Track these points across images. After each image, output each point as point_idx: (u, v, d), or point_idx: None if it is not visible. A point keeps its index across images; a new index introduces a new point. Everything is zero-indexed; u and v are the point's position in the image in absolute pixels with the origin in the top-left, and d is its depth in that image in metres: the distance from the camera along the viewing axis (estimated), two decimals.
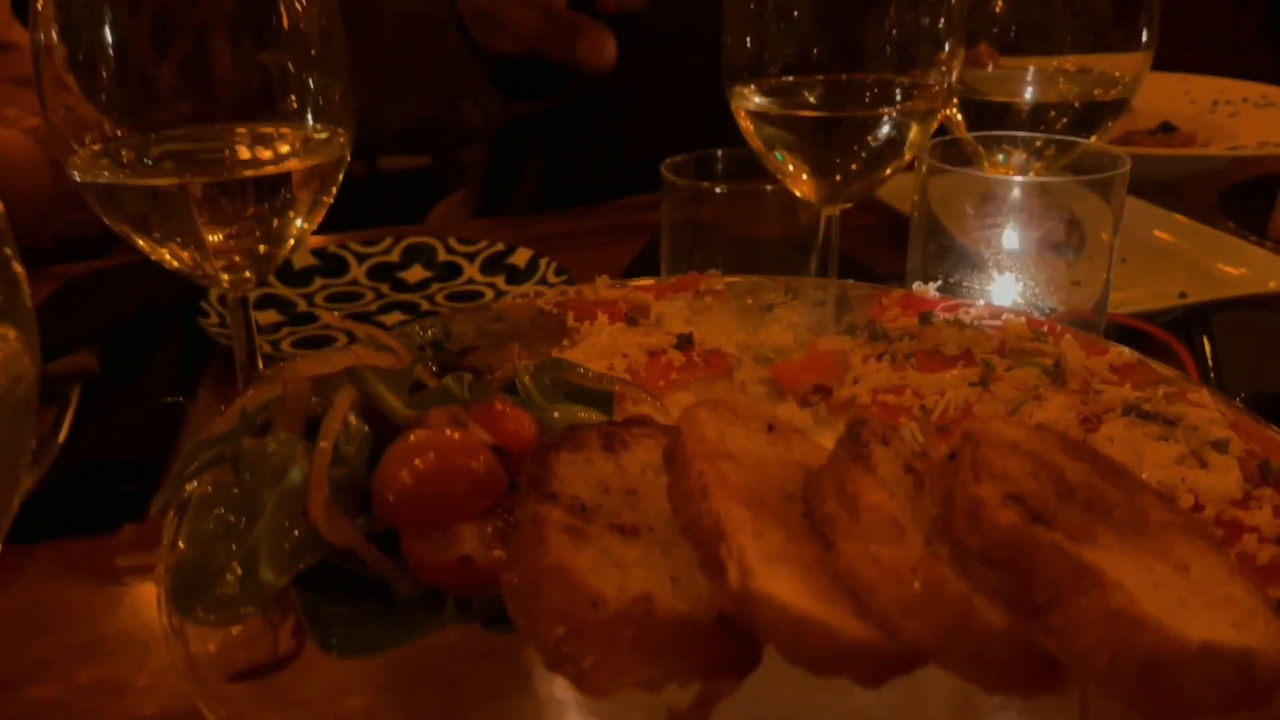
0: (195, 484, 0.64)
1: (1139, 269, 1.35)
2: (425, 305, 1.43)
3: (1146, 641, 0.45)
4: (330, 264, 1.52)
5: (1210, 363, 1.13)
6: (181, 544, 0.59)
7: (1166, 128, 1.90)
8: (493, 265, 1.50)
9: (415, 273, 1.52)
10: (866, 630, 0.48)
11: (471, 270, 1.51)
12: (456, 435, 0.59)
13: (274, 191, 0.85)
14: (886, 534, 0.50)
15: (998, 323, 0.85)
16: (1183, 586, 0.50)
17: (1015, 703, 0.53)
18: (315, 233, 0.93)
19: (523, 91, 1.37)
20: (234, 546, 0.58)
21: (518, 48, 1.26)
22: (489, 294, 1.45)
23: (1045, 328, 0.84)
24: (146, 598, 0.89)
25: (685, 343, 0.85)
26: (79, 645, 0.83)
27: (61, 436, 1.06)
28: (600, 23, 1.07)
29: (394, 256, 1.54)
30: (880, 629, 0.48)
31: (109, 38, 0.80)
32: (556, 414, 0.68)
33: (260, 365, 0.96)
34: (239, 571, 0.57)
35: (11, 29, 1.76)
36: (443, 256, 1.53)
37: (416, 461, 0.58)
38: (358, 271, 1.52)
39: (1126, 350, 0.82)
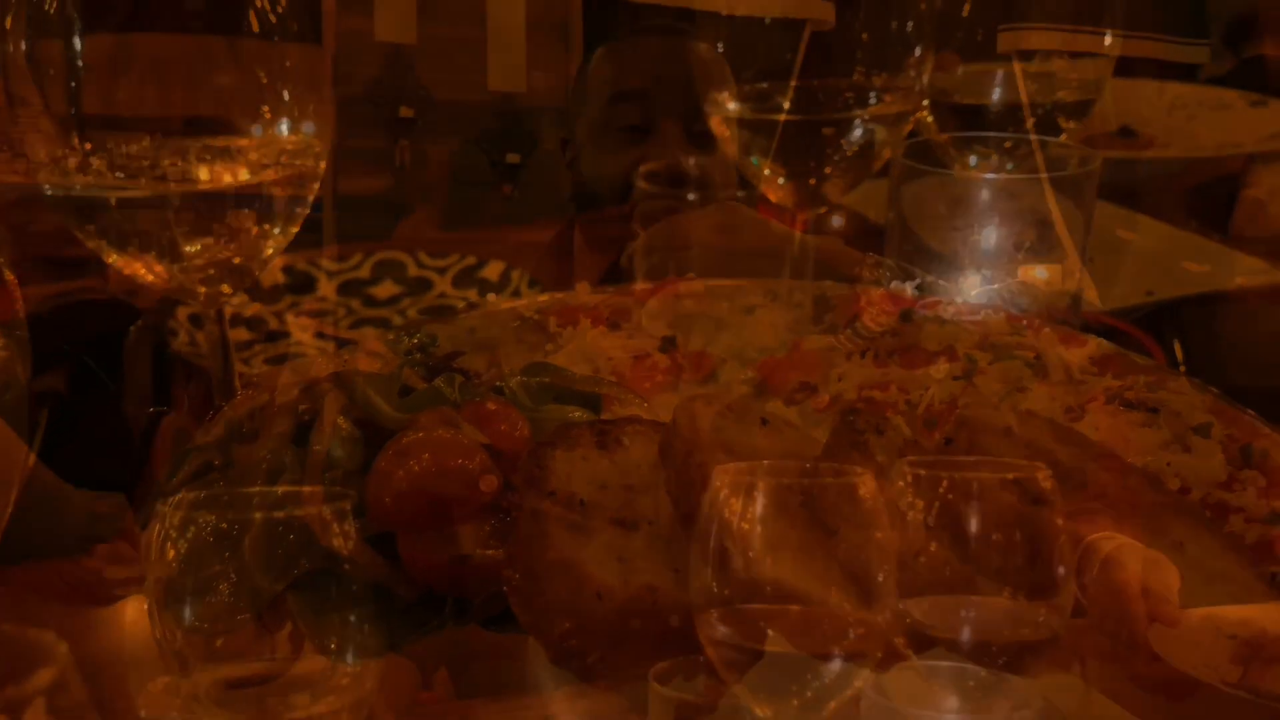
0: (180, 494, 0.63)
1: (1105, 268, 1.37)
2: (397, 321, 1.42)
3: (1151, 615, 0.46)
4: (299, 281, 1.50)
5: (1180, 357, 1.15)
6: (171, 552, 0.58)
7: (1126, 132, 1.93)
8: (465, 279, 1.49)
9: (386, 288, 1.50)
10: (873, 615, 0.48)
11: (443, 284, 1.50)
12: (450, 436, 0.59)
13: (250, 202, 0.84)
14: (888, 519, 0.50)
15: (977, 318, 0.86)
16: (1180, 562, 0.51)
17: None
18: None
19: None
20: (226, 554, 0.57)
21: None
22: (462, 308, 1.44)
23: (1025, 322, 0.85)
24: (125, 619, 0.87)
25: (669, 345, 0.85)
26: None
27: (30, 460, 1.04)
28: None
29: (364, 272, 1.52)
30: (886, 614, 0.48)
31: (76, 48, 0.79)
32: (547, 414, 0.67)
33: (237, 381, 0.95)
34: (233, 578, 0.56)
35: None
36: (413, 271, 1.52)
37: (412, 463, 0.57)
38: (327, 288, 1.50)
39: (1105, 342, 0.83)
